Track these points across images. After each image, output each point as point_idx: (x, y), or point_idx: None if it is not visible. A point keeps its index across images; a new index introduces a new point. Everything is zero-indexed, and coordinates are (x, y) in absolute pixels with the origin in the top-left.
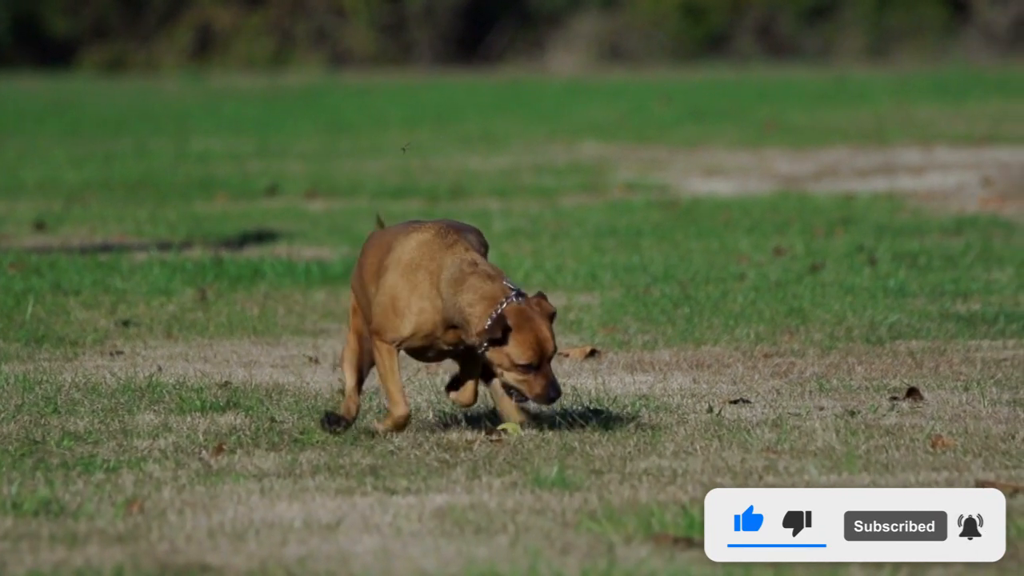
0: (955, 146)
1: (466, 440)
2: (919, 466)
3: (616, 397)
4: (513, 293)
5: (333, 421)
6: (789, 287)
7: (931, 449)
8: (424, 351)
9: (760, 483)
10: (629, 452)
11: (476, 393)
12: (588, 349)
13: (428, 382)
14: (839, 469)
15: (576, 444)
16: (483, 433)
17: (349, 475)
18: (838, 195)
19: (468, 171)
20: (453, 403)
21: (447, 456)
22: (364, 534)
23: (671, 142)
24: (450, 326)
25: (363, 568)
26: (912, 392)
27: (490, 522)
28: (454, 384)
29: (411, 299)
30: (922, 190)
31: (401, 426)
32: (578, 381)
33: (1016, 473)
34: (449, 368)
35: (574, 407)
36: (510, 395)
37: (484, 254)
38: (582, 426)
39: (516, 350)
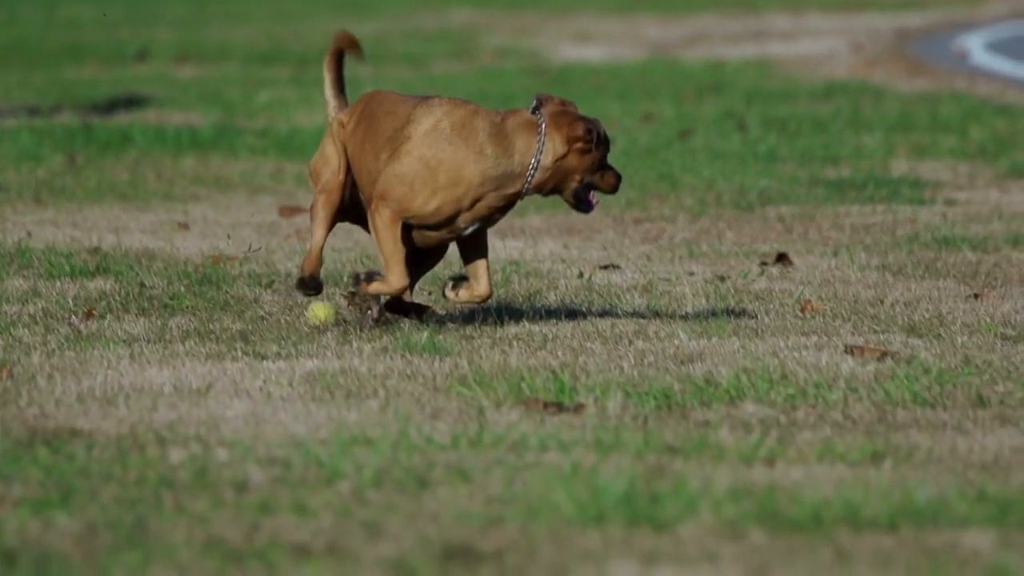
0: (825, 12)
1: (336, 305)
2: (788, 331)
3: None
4: (533, 107)
5: (310, 284)
6: (659, 153)
7: (800, 314)
8: (433, 227)
9: (630, 348)
10: (500, 317)
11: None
12: None
13: (299, 247)
14: (708, 334)
15: (445, 309)
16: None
17: (219, 340)
18: (708, 61)
19: None
20: (467, 302)
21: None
22: (234, 399)
23: (542, 8)
24: (495, 188)
25: (233, 432)
26: (782, 257)
27: (360, 387)
28: (459, 281)
29: (453, 170)
30: (792, 56)
31: (391, 294)
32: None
33: (885, 337)
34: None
35: (444, 271)
36: (580, 207)
37: None
38: (454, 291)
39: (597, 155)
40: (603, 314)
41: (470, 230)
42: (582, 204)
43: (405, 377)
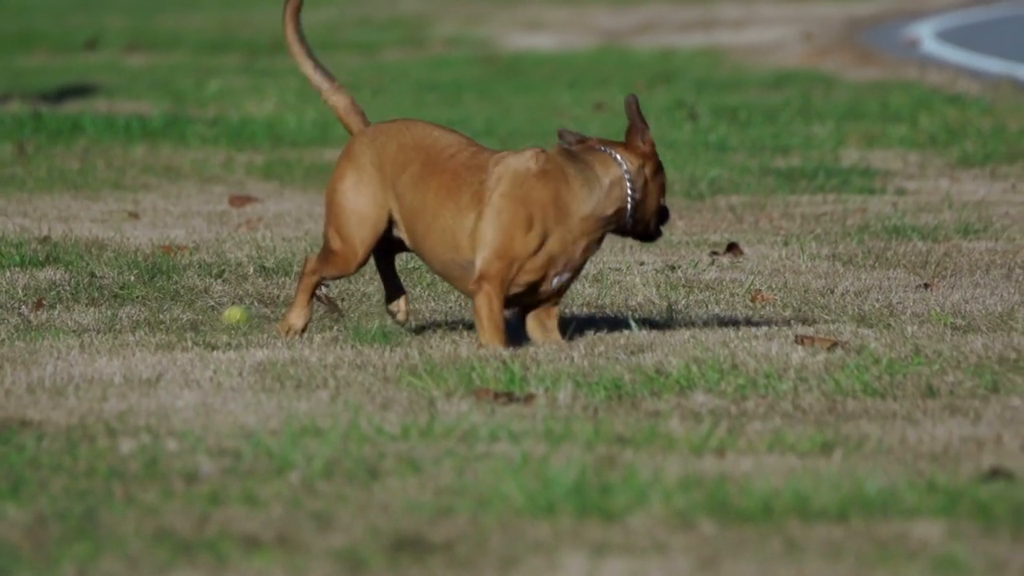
0: (776, 1)
1: (287, 295)
2: (739, 321)
3: None
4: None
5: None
6: None
7: (751, 304)
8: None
9: (581, 338)
10: (450, 307)
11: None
12: None
13: (249, 237)
14: (659, 324)
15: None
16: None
17: (169, 331)
18: (658, 50)
19: None
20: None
21: (268, 311)
22: (184, 389)
23: None
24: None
25: (183, 423)
26: (732, 247)
27: (311, 377)
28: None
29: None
30: (742, 45)
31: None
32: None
33: (835, 327)
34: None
35: (397, 262)
36: (650, 240)
37: None
38: (404, 281)
39: (660, 181)
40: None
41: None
42: (659, 230)
43: (355, 367)
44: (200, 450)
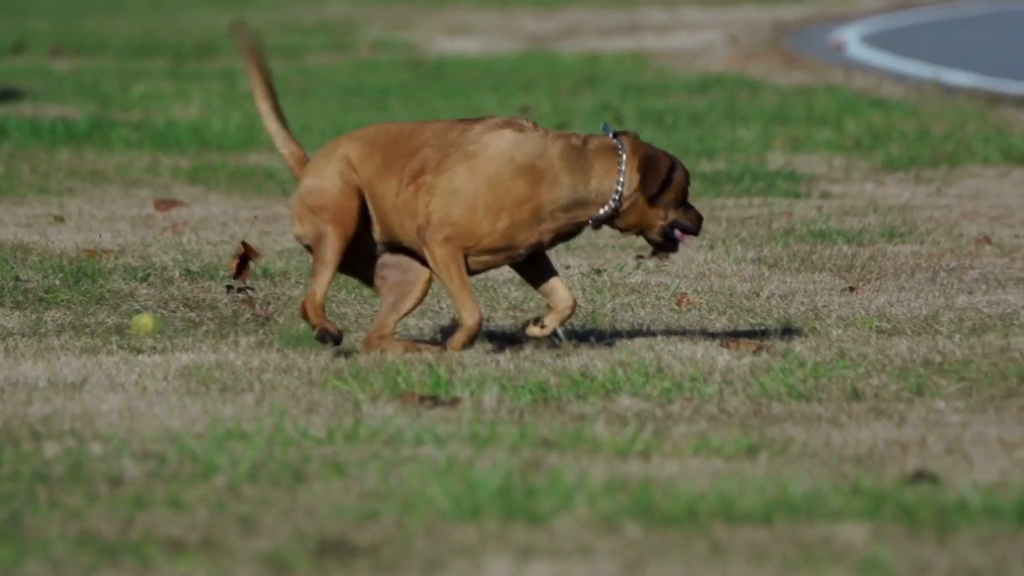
0: (701, 5)
1: (213, 299)
2: (664, 324)
3: None
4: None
5: (334, 337)
6: None
7: (677, 307)
8: (498, 251)
9: (506, 341)
10: (376, 311)
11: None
12: None
13: (174, 241)
14: (584, 328)
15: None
16: (229, 292)
17: (95, 334)
18: (584, 54)
19: (215, 30)
20: (561, 322)
21: (194, 315)
22: (109, 393)
23: (418, 1)
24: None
25: (108, 426)
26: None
27: (236, 381)
28: (538, 319)
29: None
30: (668, 49)
31: (475, 337)
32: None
33: (760, 331)
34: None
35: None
36: (667, 246)
37: None
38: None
39: (680, 185)
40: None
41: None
42: (669, 243)
43: (281, 371)
44: (125, 454)
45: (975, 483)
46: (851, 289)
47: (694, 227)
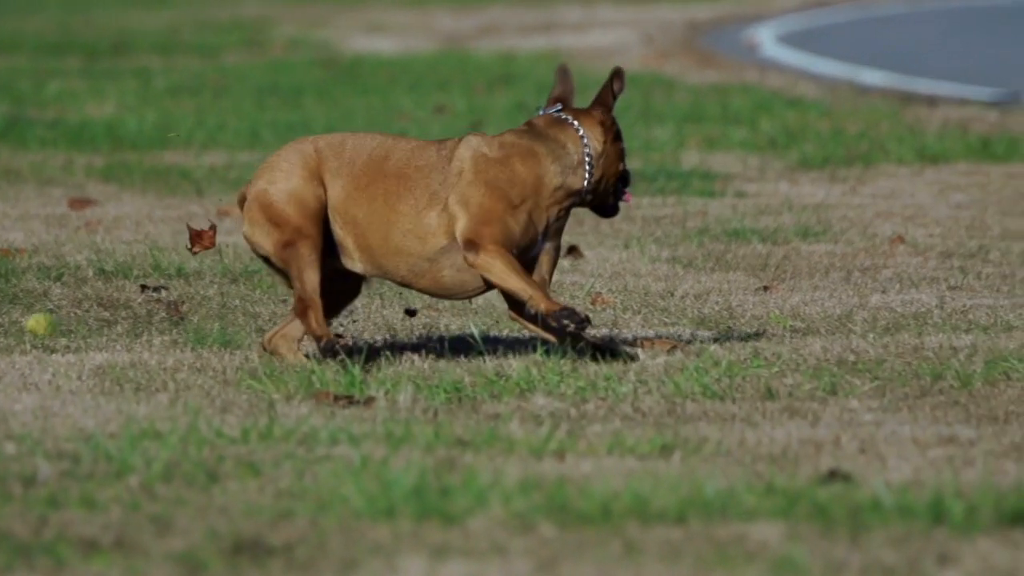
0: (617, 4)
1: (127, 298)
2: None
3: None
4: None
5: (336, 348)
6: None
7: (592, 307)
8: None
9: (421, 341)
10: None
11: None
12: None
13: (88, 240)
14: (499, 327)
15: (237, 302)
16: (143, 291)
17: (8, 333)
18: (499, 53)
19: (129, 28)
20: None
21: (107, 314)
22: (23, 392)
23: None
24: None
25: (21, 426)
26: (572, 250)
27: (150, 380)
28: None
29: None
30: (583, 47)
31: (563, 315)
32: (238, 238)
33: (674, 330)
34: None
35: (236, 265)
36: (615, 206)
37: None
38: (244, 284)
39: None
40: (395, 307)
41: (545, 246)
42: (618, 201)
43: (195, 371)
44: (38, 453)
45: (888, 482)
46: (765, 288)
47: (627, 183)
